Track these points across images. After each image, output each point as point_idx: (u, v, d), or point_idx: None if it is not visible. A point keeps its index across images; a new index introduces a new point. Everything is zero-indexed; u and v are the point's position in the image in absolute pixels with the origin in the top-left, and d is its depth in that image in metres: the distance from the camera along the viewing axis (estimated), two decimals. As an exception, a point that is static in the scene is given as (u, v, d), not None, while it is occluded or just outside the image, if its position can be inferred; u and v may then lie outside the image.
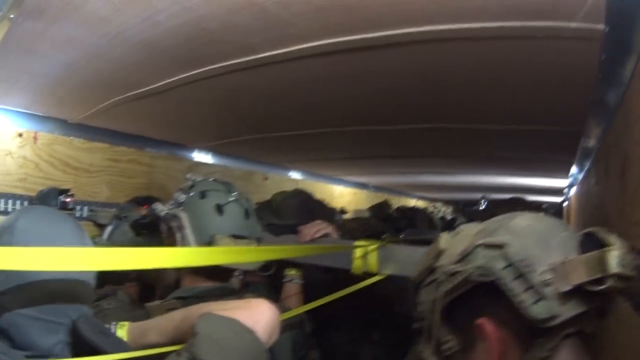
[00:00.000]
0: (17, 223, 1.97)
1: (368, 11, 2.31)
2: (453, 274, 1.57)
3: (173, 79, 3.36)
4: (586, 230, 1.49)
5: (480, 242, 1.54)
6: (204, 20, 2.46)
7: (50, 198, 4.23)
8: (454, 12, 2.28)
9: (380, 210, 7.54)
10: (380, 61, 2.93)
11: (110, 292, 3.31)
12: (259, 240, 2.98)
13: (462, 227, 1.76)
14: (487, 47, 2.61)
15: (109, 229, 3.97)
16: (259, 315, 1.94)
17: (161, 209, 3.07)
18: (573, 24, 2.19)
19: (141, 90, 3.62)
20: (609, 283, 1.34)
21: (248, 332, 1.84)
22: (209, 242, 2.86)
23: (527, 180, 8.40)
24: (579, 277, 1.39)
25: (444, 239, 1.74)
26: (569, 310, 1.41)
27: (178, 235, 2.93)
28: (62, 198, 4.32)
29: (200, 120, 4.82)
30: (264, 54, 2.86)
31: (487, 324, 1.50)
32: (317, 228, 3.55)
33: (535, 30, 2.31)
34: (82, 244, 2.11)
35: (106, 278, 3.38)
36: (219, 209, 2.89)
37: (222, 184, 3.14)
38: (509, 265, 1.46)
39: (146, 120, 4.86)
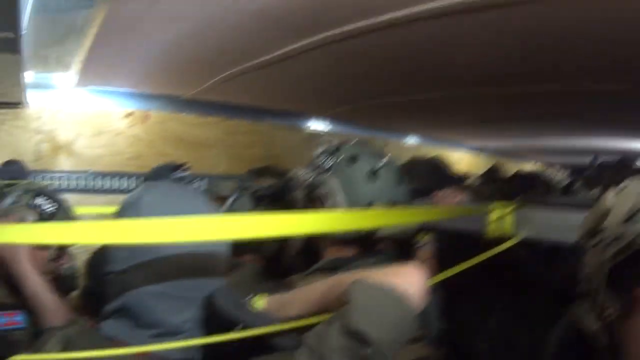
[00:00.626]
0: (143, 198, 1.87)
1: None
2: (619, 237, 1.43)
3: (291, 47, 3.28)
4: None
5: None
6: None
7: (165, 173, 4.22)
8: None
9: (492, 174, 7.43)
10: (503, 21, 2.80)
11: (239, 265, 3.26)
12: None
13: (627, 182, 1.62)
14: (620, 3, 2.45)
15: (229, 202, 3.93)
16: (411, 281, 1.77)
17: (304, 175, 2.97)
18: None
19: (254, 62, 3.56)
20: None
21: (403, 299, 1.69)
22: None
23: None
24: None
25: (610, 197, 1.56)
26: None
27: (329, 203, 2.84)
28: (177, 173, 4.31)
29: (318, 88, 4.76)
30: (383, 17, 2.73)
31: None
32: (452, 194, 3.45)
33: None
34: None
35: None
36: (373, 174, 2.79)
37: (369, 147, 3.03)
38: None
39: (262, 91, 4.82)
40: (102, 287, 1.84)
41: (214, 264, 1.90)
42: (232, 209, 3.68)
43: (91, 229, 1.41)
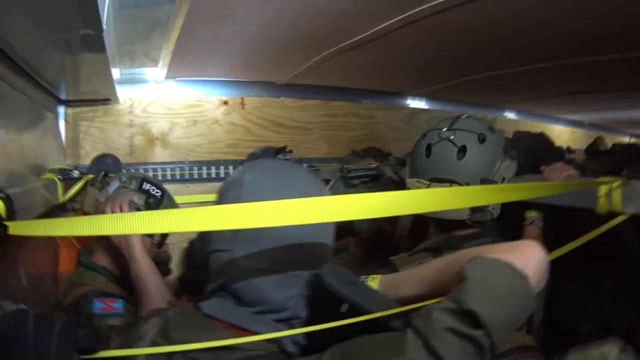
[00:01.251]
0: (245, 176, 1.87)
1: None
2: None
3: (383, 24, 3.22)
4: None
5: None
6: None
7: (265, 157, 4.25)
8: None
9: (595, 148, 7.31)
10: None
11: (342, 247, 3.24)
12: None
13: None
14: None
15: (331, 183, 3.93)
16: (530, 258, 1.72)
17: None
18: None
19: (349, 41, 3.54)
20: None
21: (522, 277, 1.63)
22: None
23: None
24: None
25: None
26: None
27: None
28: (280, 156, 4.33)
29: (415, 65, 4.71)
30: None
31: None
32: (562, 168, 3.37)
33: None
34: (319, 191, 1.94)
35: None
36: (429, 148, 2.73)
37: (456, 119, 2.96)
38: None
39: (358, 71, 4.80)
40: (204, 268, 1.85)
41: (319, 242, 1.88)
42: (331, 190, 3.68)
43: (198, 215, 1.43)
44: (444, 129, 2.80)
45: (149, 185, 3.19)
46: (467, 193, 2.29)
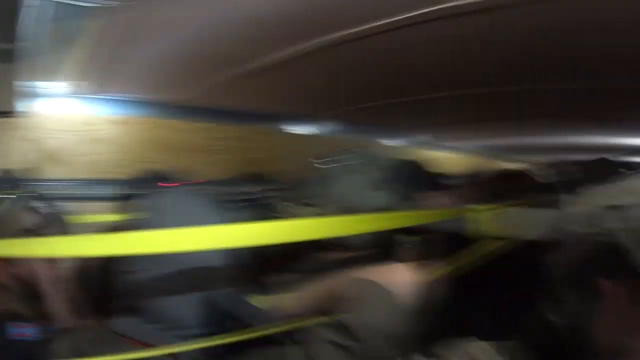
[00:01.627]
0: (160, 204, 1.98)
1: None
2: (581, 237, 1.50)
3: (285, 52, 3.35)
4: None
5: (607, 204, 1.47)
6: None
7: (152, 180, 4.32)
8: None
9: (478, 175, 7.53)
10: (490, 25, 2.91)
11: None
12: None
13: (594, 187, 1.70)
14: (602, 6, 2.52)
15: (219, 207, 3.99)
16: (401, 280, 1.93)
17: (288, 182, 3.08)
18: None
19: (249, 66, 3.63)
20: None
21: (394, 297, 1.83)
22: None
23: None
24: None
25: (570, 201, 1.64)
26: None
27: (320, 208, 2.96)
28: (163, 180, 4.40)
29: (314, 91, 4.85)
30: (361, 27, 2.85)
31: (605, 283, 1.46)
32: (437, 196, 3.54)
33: None
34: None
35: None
36: (309, 176, 2.90)
37: (338, 152, 3.11)
38: (632, 229, 1.40)
39: (257, 95, 4.91)
40: (112, 287, 1.95)
41: (215, 265, 1.97)
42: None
43: (106, 241, 1.48)
44: (327, 159, 2.94)
45: (39, 203, 3.18)
46: (347, 222, 2.43)
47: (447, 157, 10.47)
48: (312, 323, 1.74)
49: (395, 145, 8.42)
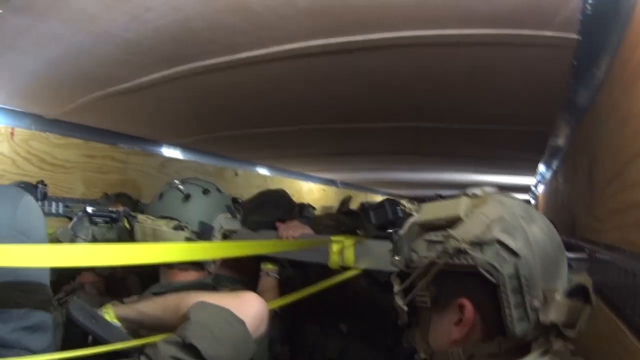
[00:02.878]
0: None
1: (350, 16, 2.39)
2: (462, 253, 1.62)
3: (153, 76, 3.41)
4: (578, 282, 1.60)
5: (498, 237, 1.60)
6: (192, 20, 2.52)
7: (29, 191, 4.27)
8: (434, 19, 2.37)
9: (342, 206, 7.60)
10: (357, 63, 3.02)
11: (77, 286, 3.36)
12: (199, 228, 2.93)
13: (478, 191, 1.78)
14: (462, 52, 2.71)
15: (74, 220, 3.96)
16: (248, 307, 1.98)
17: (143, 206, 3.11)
18: (547, 33, 2.28)
19: (120, 86, 3.66)
20: (577, 330, 1.53)
21: (239, 322, 1.88)
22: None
23: (495, 178, 8.49)
24: (559, 317, 1.52)
25: (464, 207, 1.72)
26: (536, 334, 1.56)
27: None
28: (41, 189, 4.36)
29: (175, 116, 4.86)
30: (247, 54, 2.93)
31: (469, 307, 1.61)
32: (295, 226, 3.63)
33: (511, 38, 2.41)
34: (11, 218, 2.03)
35: (62, 274, 3.44)
36: (160, 195, 2.97)
37: (189, 178, 3.19)
38: (514, 276, 1.55)
39: (122, 116, 4.89)
40: None
41: (34, 281, 1.99)
42: (73, 228, 3.74)
43: None
44: (176, 181, 3.04)
45: None
46: (207, 248, 2.53)
47: (314, 188, 10.55)
48: (160, 340, 1.79)
49: (257, 173, 8.52)
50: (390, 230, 3.31)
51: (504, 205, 1.70)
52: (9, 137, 4.53)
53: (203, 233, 2.88)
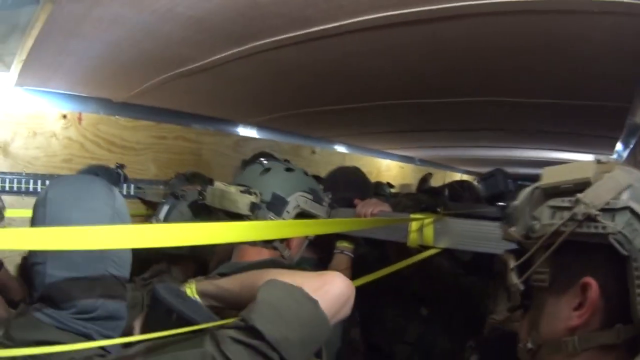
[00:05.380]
0: (49, 194, 2.08)
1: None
2: (593, 220, 1.47)
3: (223, 54, 3.35)
4: None
5: (633, 206, 1.45)
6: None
7: (108, 173, 4.30)
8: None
9: (422, 184, 7.51)
10: (432, 35, 2.91)
11: (165, 269, 3.32)
12: (268, 196, 2.84)
13: (603, 159, 1.65)
14: (539, 20, 2.59)
15: (165, 208, 3.93)
16: (329, 287, 1.88)
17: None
18: (627, 0, 2.14)
19: (188, 67, 3.62)
20: None
21: (311, 301, 1.79)
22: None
23: (572, 156, 8.31)
24: None
25: (594, 170, 1.56)
26: None
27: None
28: (119, 171, 4.38)
29: (248, 95, 4.81)
30: (316, 28, 2.84)
31: (594, 287, 1.44)
32: (374, 204, 3.54)
33: (590, 5, 2.29)
34: (113, 209, 2.22)
35: (158, 257, 3.41)
36: (243, 165, 2.93)
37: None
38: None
39: (192, 96, 4.87)
40: (30, 277, 2.05)
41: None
42: (168, 218, 3.73)
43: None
44: (261, 161, 2.97)
45: None
46: (279, 226, 2.43)
47: (392, 165, 10.44)
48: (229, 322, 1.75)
49: (335, 151, 8.45)
50: (501, 204, 3.19)
51: (631, 174, 1.54)
52: (77, 122, 4.59)
53: (273, 205, 2.79)
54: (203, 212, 3.65)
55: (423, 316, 3.97)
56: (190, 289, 2.24)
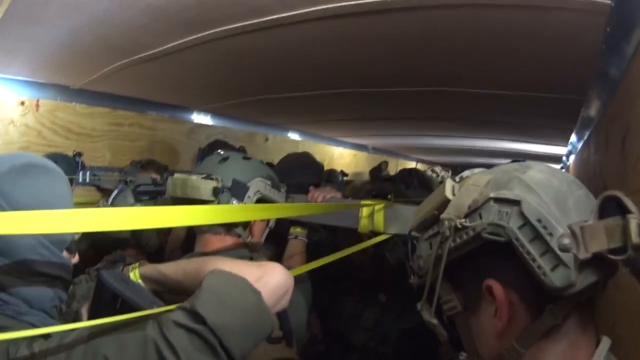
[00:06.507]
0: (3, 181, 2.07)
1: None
2: (461, 229, 1.52)
3: (179, 41, 3.37)
4: (607, 193, 1.41)
5: (493, 195, 1.50)
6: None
7: (66, 161, 4.32)
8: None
9: (378, 171, 7.57)
10: (388, 25, 2.95)
11: (119, 258, 3.36)
12: (230, 183, 2.94)
13: (466, 173, 1.71)
14: (494, 13, 2.64)
15: (114, 193, 3.98)
16: (269, 278, 1.97)
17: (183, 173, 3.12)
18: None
19: (146, 53, 3.63)
20: (629, 253, 1.30)
21: (254, 292, 1.87)
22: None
23: (527, 146, 8.44)
24: (600, 244, 1.34)
25: (449, 187, 1.65)
26: (585, 279, 1.39)
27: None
28: (78, 159, 4.41)
29: (203, 82, 4.82)
30: (272, 17, 2.87)
31: (496, 286, 1.49)
32: (327, 190, 3.61)
33: (544, 0, 2.35)
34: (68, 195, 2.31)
35: (105, 245, 3.45)
36: (201, 158, 2.97)
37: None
38: (525, 224, 1.43)
39: (149, 83, 4.87)
40: None
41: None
42: (114, 202, 3.77)
43: None
44: (216, 148, 3.03)
45: None
46: (232, 210, 2.48)
47: (346, 153, 10.48)
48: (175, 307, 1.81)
49: (288, 139, 8.50)
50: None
51: (491, 171, 1.63)
52: (34, 109, 4.56)
53: (235, 190, 2.88)
54: (145, 197, 3.71)
55: (381, 302, 4.04)
56: (134, 273, 2.32)
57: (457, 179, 1.69)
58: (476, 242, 1.51)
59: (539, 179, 1.51)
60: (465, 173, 1.70)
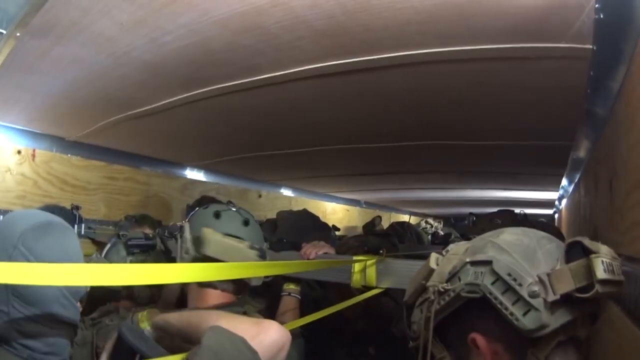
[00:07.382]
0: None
1: (366, 35, 2.40)
2: (443, 292, 1.66)
3: (174, 98, 3.43)
4: (570, 240, 1.57)
5: (468, 259, 1.63)
6: (210, 42, 2.56)
7: (64, 213, 4.33)
8: (448, 36, 2.38)
9: (371, 226, 7.60)
10: (376, 82, 3.03)
11: (112, 308, 3.39)
12: (261, 251, 2.97)
13: (451, 246, 1.85)
14: (479, 68, 2.72)
15: (107, 247, 4.02)
16: (265, 336, 1.99)
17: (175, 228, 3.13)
18: (562, 45, 2.28)
19: (141, 109, 3.69)
20: (596, 289, 1.42)
21: (251, 351, 1.89)
22: (198, 237, 2.87)
23: (519, 194, 8.51)
24: (566, 286, 1.46)
25: (434, 259, 1.80)
26: (558, 319, 1.49)
27: (178, 243, 2.97)
28: (76, 212, 4.44)
29: (197, 138, 4.88)
30: (266, 75, 2.95)
31: (479, 338, 1.59)
32: (319, 246, 3.63)
33: (526, 51, 2.42)
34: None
35: (99, 296, 3.47)
36: (217, 214, 2.95)
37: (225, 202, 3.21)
38: (497, 280, 1.54)
39: (143, 138, 4.92)
40: None
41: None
42: (107, 256, 3.80)
43: None
44: (225, 205, 3.06)
45: None
46: (230, 268, 2.52)
47: (338, 208, 10.54)
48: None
49: (281, 195, 8.55)
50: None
51: (471, 241, 1.77)
52: (30, 159, 4.57)
53: (262, 257, 2.93)
54: (136, 250, 3.75)
55: (371, 355, 4.06)
56: (145, 320, 2.41)
57: (443, 252, 1.80)
58: (458, 302, 1.64)
59: (510, 240, 1.64)
60: (450, 247, 1.81)
